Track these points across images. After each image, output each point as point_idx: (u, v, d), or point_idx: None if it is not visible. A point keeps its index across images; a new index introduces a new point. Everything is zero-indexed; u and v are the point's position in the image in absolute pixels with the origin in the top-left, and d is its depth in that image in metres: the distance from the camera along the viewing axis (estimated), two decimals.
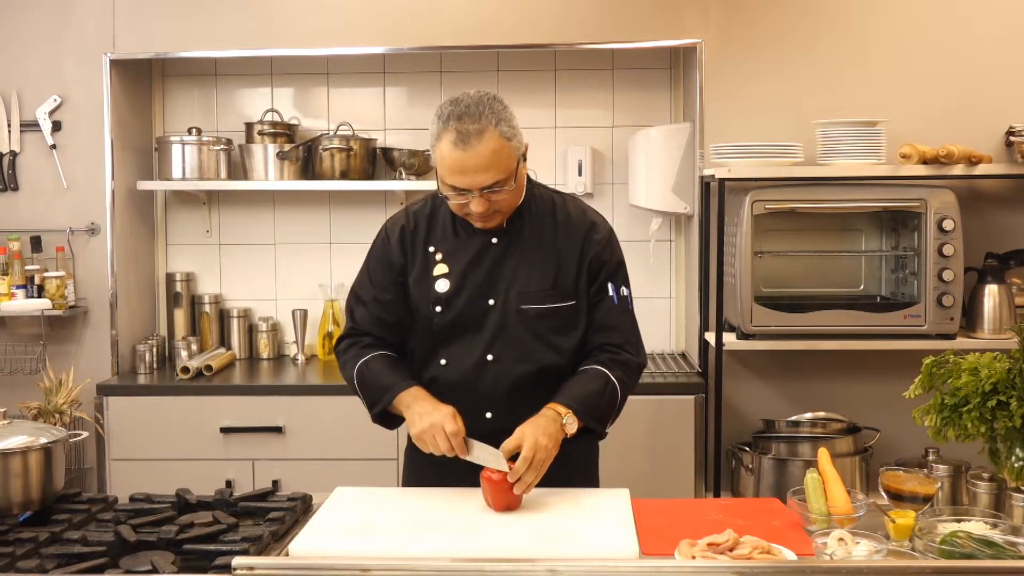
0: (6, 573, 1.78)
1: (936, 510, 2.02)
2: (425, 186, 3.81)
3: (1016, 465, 1.99)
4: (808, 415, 3.44)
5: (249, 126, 3.97)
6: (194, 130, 3.89)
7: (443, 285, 2.27)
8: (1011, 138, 3.44)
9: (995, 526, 1.91)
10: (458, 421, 2.11)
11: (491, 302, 2.26)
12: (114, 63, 3.74)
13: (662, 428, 3.47)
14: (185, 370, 3.65)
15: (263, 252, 4.13)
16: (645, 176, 3.80)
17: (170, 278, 4.08)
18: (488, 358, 2.25)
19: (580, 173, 3.98)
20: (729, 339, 3.40)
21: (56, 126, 3.76)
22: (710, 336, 3.49)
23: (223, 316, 4.09)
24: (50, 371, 3.63)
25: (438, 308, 2.27)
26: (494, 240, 2.28)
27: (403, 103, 4.09)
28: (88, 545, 1.89)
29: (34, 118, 3.75)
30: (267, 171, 3.87)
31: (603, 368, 2.25)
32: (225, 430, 3.52)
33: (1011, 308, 3.40)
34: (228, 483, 3.41)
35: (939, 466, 2.80)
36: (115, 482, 3.53)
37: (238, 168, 3.97)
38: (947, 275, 3.29)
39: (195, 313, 4.07)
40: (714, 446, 3.45)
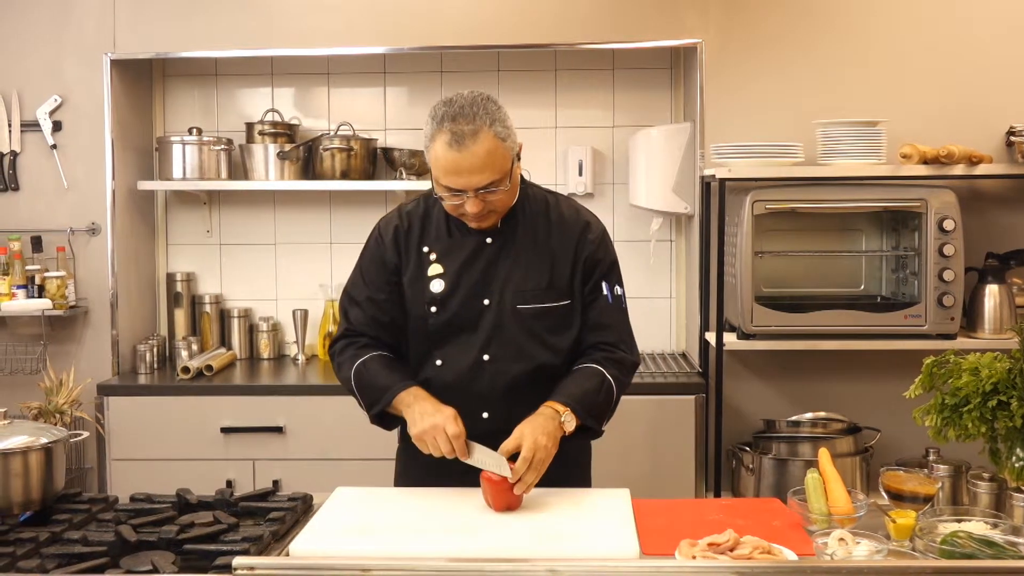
0: (7, 573, 1.78)
1: (937, 510, 2.02)
2: (426, 186, 3.79)
3: (1016, 465, 1.99)
4: (808, 415, 3.44)
5: (250, 126, 3.98)
6: (195, 130, 3.89)
7: (438, 285, 2.26)
8: (1011, 138, 3.44)
9: (996, 526, 1.91)
10: (460, 423, 2.10)
11: (486, 302, 2.26)
12: (114, 63, 3.74)
13: (662, 428, 3.47)
14: (186, 370, 3.65)
15: (264, 252, 4.13)
16: (645, 176, 3.80)
17: (171, 278, 4.08)
18: (484, 358, 2.25)
19: (580, 173, 3.98)
20: (729, 339, 3.40)
21: (56, 126, 3.76)
22: (710, 336, 3.49)
23: (224, 316, 4.09)
24: (51, 371, 3.63)
25: (433, 308, 2.26)
26: (488, 240, 2.28)
27: (403, 103, 4.09)
28: (89, 545, 1.89)
29: (34, 118, 3.75)
30: (267, 171, 3.87)
31: (598, 366, 2.24)
32: (226, 430, 3.52)
33: (1011, 308, 3.40)
34: (228, 483, 3.41)
35: (939, 466, 2.80)
36: (115, 482, 3.53)
37: (238, 168, 3.97)
38: (947, 275, 3.29)
39: (196, 313, 4.07)
40: (714, 446, 3.45)
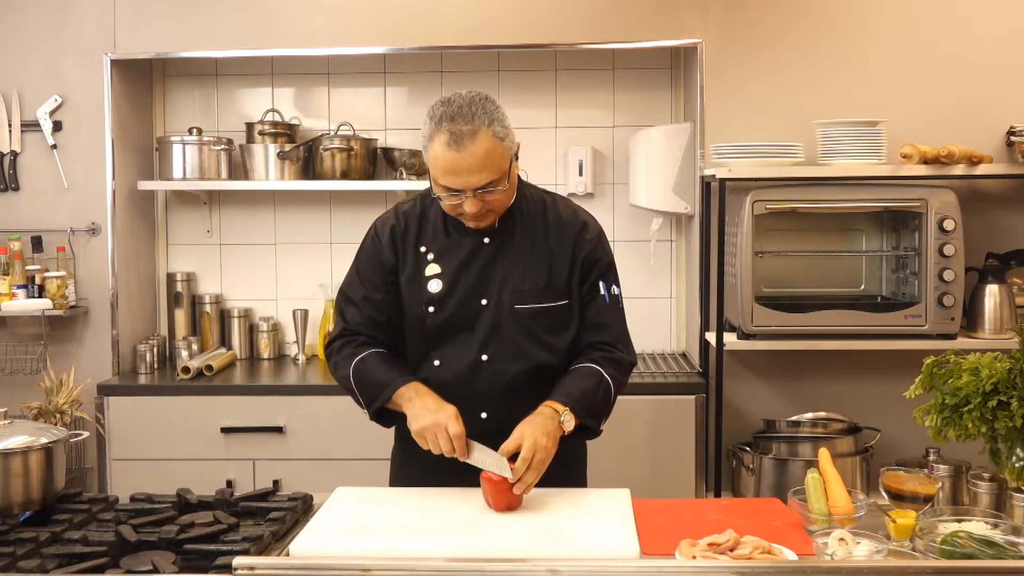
0: (7, 573, 1.78)
1: (937, 510, 2.02)
2: (426, 186, 3.80)
3: (1017, 465, 1.98)
4: (809, 415, 3.44)
5: (250, 126, 3.97)
6: (195, 130, 3.89)
7: (436, 285, 2.26)
8: (1012, 138, 3.44)
9: (996, 526, 1.91)
10: (461, 423, 2.10)
11: (484, 302, 2.26)
12: (115, 63, 3.74)
13: (662, 428, 3.47)
14: (186, 370, 3.65)
15: (264, 252, 4.13)
16: (646, 176, 3.80)
17: (171, 278, 4.08)
18: (483, 358, 2.25)
19: (581, 173, 3.98)
20: (730, 339, 3.40)
21: (57, 126, 3.76)
22: (711, 336, 3.49)
23: (224, 316, 4.09)
24: (51, 371, 3.63)
25: (431, 308, 2.26)
26: (486, 240, 2.28)
27: (404, 103, 4.09)
28: (89, 545, 1.89)
29: (35, 118, 3.75)
30: (268, 171, 3.87)
31: (596, 366, 2.24)
32: (226, 430, 3.52)
33: (1012, 308, 3.40)
34: (229, 483, 3.41)
35: (940, 466, 2.80)
36: (116, 482, 3.53)
37: (239, 168, 3.97)
38: (948, 275, 3.29)
39: (196, 313, 4.07)
40: (715, 446, 3.45)
